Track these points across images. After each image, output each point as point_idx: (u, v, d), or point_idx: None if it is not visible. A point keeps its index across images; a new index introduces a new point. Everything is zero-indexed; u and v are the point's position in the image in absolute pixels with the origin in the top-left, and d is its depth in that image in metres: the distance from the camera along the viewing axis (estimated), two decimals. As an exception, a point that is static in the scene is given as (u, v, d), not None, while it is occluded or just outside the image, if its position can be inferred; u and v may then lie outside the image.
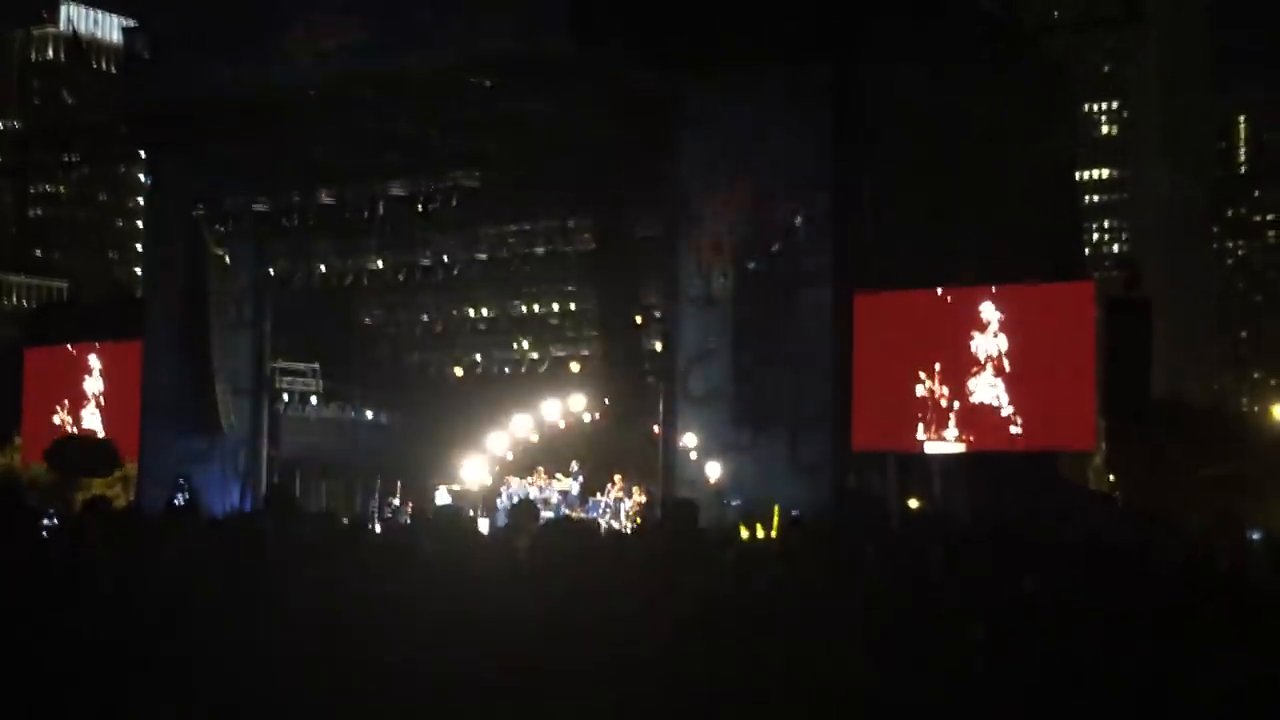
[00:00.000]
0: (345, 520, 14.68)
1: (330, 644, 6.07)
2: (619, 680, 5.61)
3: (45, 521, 10.26)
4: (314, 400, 34.15)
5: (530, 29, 26.22)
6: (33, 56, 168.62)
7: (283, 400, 33.51)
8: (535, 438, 35.68)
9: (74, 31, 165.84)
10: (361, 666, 5.92)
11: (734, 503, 25.33)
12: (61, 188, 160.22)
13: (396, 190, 30.26)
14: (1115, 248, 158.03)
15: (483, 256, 31.04)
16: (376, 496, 33.18)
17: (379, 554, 8.19)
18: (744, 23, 26.03)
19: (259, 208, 31.71)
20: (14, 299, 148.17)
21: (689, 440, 27.26)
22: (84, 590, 6.43)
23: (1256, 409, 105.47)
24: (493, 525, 26.82)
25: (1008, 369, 25.93)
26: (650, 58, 26.49)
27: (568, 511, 29.39)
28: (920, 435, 26.60)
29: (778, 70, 26.16)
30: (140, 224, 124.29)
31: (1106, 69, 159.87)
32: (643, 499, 29.89)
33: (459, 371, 36.03)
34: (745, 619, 6.06)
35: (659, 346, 29.70)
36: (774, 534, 20.79)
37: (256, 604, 6.43)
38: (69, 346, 37.46)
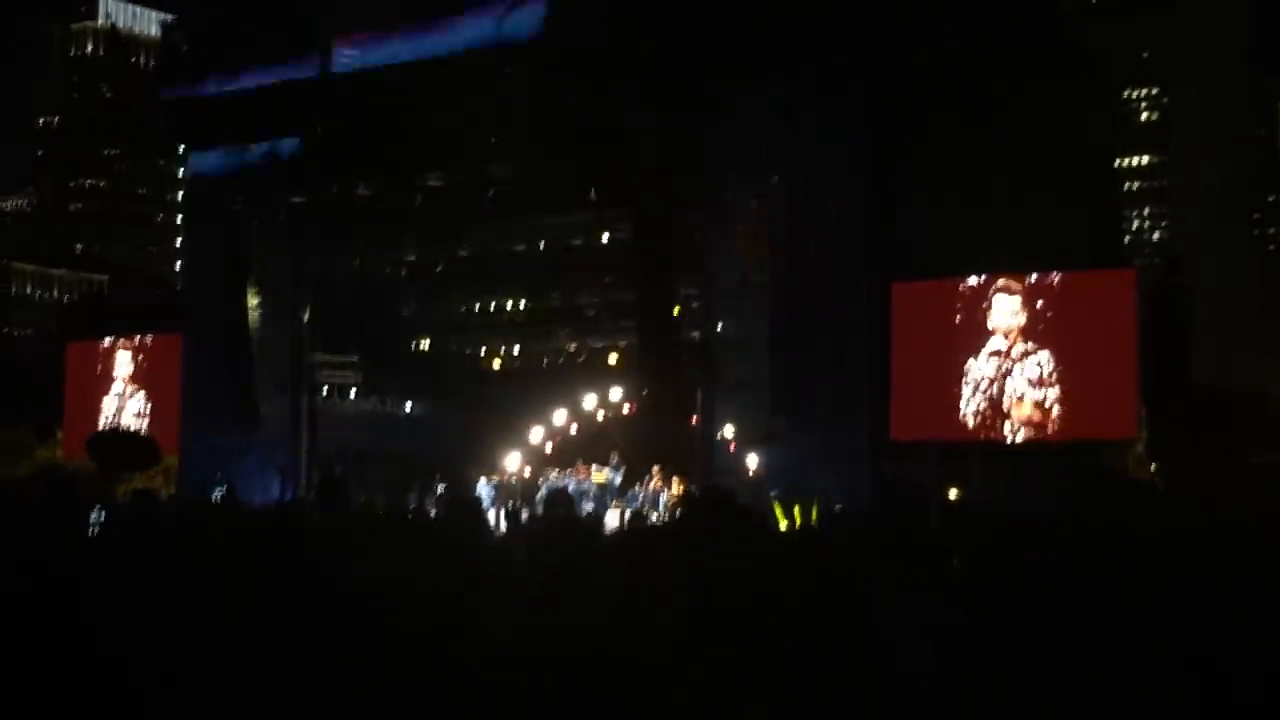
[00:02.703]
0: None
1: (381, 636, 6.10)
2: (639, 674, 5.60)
3: (92, 516, 10.33)
4: (353, 393, 34.24)
5: (566, 19, 26.21)
6: (72, 51, 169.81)
7: (322, 393, 33.61)
8: (574, 429, 35.69)
9: (113, 26, 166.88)
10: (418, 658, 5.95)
11: (773, 493, 25.29)
12: (101, 182, 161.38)
13: (434, 182, 30.32)
14: (1155, 235, 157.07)
15: (520, 248, 31.08)
16: (416, 488, 33.25)
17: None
18: (778, 10, 25.96)
19: (297, 201, 31.83)
20: (55, 293, 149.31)
21: (727, 430, 27.23)
22: (139, 583, 6.47)
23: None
24: (531, 517, 26.83)
25: (1047, 357, 25.81)
26: (685, 47, 26.45)
27: (607, 503, 29.42)
28: (959, 424, 26.51)
29: (812, 58, 26.08)
30: (179, 217, 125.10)
31: (1145, 55, 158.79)
32: (682, 490, 29.85)
33: (497, 364, 36.07)
34: (782, 611, 6.04)
35: (696, 337, 29.66)
36: (813, 521, 20.79)
37: (306, 595, 6.45)
38: (109, 340, 37.69)
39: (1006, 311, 26.21)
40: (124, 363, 36.89)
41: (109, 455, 30.40)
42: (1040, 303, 25.97)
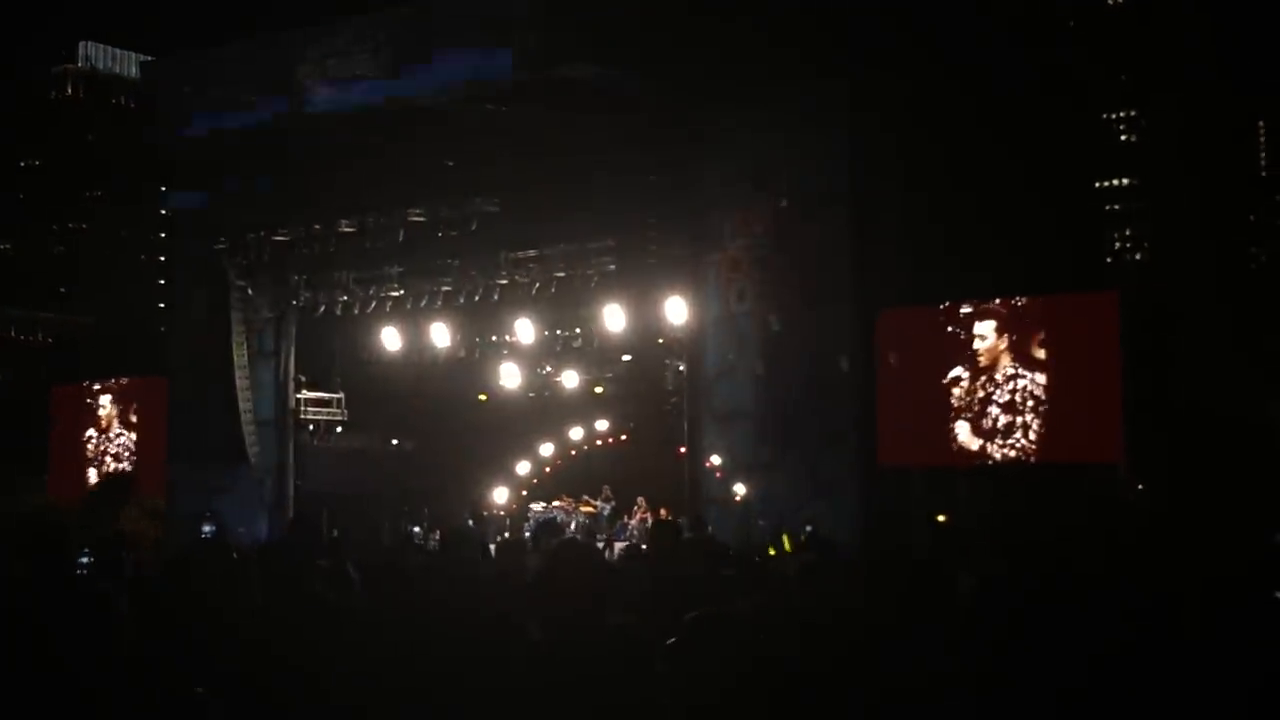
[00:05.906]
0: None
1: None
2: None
3: (82, 559, 10.28)
4: (339, 430, 34.14)
5: (548, 55, 26.25)
6: (52, 94, 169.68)
7: (308, 430, 33.53)
8: (561, 462, 35.66)
9: (92, 69, 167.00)
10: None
11: (761, 521, 25.29)
12: (84, 224, 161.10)
13: (416, 217, 30.30)
14: (1137, 256, 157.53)
15: (504, 281, 30.99)
16: (403, 524, 33.15)
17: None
18: (761, 43, 26.06)
19: (279, 238, 31.79)
20: (39, 336, 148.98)
21: (715, 459, 27.23)
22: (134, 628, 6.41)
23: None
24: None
25: (1032, 381, 25.88)
26: (668, 79, 26.52)
27: (596, 535, 29.38)
28: (946, 449, 26.55)
29: (795, 87, 26.18)
30: (162, 258, 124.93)
31: (1123, 77, 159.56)
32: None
33: (483, 397, 35.92)
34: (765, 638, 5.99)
35: (682, 366, 29.67)
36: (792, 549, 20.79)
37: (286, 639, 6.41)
38: (94, 383, 37.64)
39: (991, 336, 26.29)
40: (109, 405, 36.85)
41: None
42: (1025, 327, 26.06)
